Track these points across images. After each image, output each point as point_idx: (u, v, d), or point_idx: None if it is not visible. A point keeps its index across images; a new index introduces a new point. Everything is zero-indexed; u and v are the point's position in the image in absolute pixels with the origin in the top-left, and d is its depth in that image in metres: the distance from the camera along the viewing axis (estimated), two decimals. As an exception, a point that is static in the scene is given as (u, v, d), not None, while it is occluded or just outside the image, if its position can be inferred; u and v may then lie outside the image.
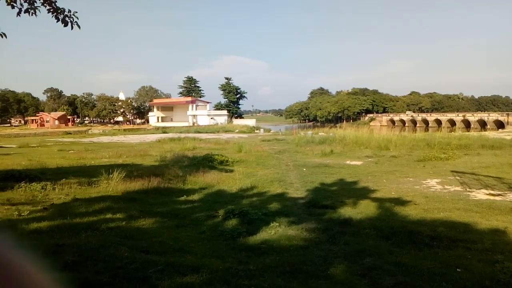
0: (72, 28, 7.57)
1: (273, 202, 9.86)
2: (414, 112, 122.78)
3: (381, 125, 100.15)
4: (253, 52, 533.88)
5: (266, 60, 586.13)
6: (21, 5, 7.40)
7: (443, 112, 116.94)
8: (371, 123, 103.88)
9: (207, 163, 17.07)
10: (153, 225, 7.57)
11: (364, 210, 8.80)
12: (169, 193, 11.38)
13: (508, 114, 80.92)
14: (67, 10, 7.56)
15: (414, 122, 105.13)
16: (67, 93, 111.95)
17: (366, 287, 4.67)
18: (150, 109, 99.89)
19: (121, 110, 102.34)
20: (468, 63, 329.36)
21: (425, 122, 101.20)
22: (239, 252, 6.01)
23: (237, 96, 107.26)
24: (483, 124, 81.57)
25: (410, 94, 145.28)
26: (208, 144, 31.03)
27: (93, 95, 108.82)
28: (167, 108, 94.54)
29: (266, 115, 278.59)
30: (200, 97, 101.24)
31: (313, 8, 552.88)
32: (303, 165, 17.59)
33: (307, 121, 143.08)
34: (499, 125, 76.86)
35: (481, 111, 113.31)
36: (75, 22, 7.61)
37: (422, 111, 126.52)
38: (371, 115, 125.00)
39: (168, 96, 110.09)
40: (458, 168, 15.16)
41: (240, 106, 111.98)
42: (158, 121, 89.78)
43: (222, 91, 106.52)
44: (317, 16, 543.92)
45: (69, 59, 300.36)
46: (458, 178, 13.07)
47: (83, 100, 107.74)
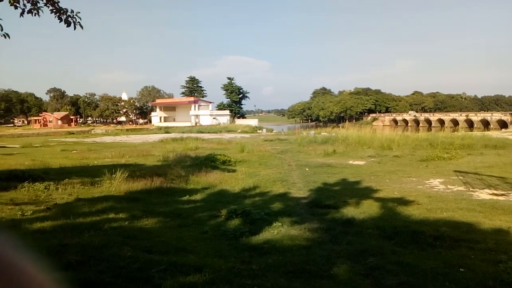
0: (75, 28, 7.59)
1: (276, 202, 9.86)
2: (416, 112, 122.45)
3: (383, 125, 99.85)
4: (255, 52, 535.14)
5: (268, 60, 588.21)
6: (24, 5, 7.42)
7: (446, 112, 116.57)
8: (374, 123, 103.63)
9: (209, 163, 17.09)
10: (156, 225, 7.58)
11: (367, 210, 8.79)
12: (171, 193, 11.39)
13: (511, 113, 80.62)
14: (70, 10, 7.58)
15: (417, 122, 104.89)
16: (70, 93, 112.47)
17: (369, 287, 4.66)
18: (152, 109, 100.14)
19: (124, 110, 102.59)
20: (471, 62, 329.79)
21: (428, 122, 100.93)
22: (241, 252, 6.02)
23: (240, 96, 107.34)
24: (486, 123, 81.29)
25: (412, 94, 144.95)
26: (210, 144, 31.06)
27: (96, 95, 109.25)
28: (169, 108, 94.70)
29: (268, 115, 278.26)
30: (202, 97, 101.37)
31: (316, 8, 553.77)
32: (305, 165, 17.59)
33: (309, 121, 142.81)
34: (502, 124, 76.57)
35: (484, 111, 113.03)
36: (78, 22, 7.63)
37: (425, 111, 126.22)
38: (374, 115, 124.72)
39: (170, 96, 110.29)
40: (461, 168, 15.12)
41: (242, 106, 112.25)
42: (160, 121, 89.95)
43: (224, 91, 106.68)
44: (320, 16, 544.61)
45: (72, 59, 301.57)
46: (461, 178, 13.04)
47: (86, 100, 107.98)
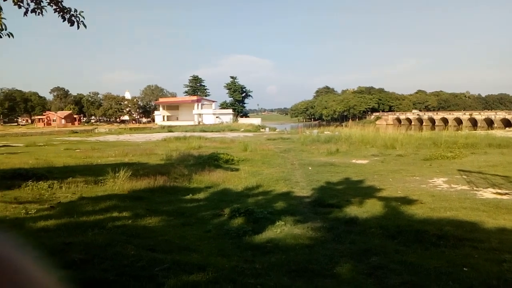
0: (78, 27, 7.62)
1: (279, 201, 9.86)
2: (420, 110, 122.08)
3: (387, 124, 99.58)
4: (258, 51, 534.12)
5: (271, 59, 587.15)
6: (28, 4, 7.46)
7: (449, 110, 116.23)
8: (377, 122, 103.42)
9: (212, 162, 17.09)
10: (159, 223, 7.60)
11: (370, 209, 8.77)
12: (175, 191, 11.41)
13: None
14: (73, 9, 7.61)
15: (420, 120, 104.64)
16: (74, 92, 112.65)
17: (372, 286, 4.66)
18: (156, 108, 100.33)
19: (127, 109, 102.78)
20: (475, 61, 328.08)
21: (432, 120, 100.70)
22: (245, 250, 6.02)
23: (243, 95, 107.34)
24: (490, 122, 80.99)
25: (416, 92, 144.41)
26: (213, 143, 31.11)
27: (99, 94, 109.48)
28: (172, 107, 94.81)
29: (271, 114, 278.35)
30: (205, 96, 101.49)
31: (320, 7, 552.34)
32: (308, 164, 17.57)
33: (312, 120, 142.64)
34: (506, 123, 76.34)
35: (488, 110, 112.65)
36: (81, 21, 7.66)
37: (428, 110, 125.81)
38: (377, 113, 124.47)
39: (173, 95, 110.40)
40: (465, 167, 15.07)
41: (245, 105, 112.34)
42: (163, 120, 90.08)
43: (227, 90, 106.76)
44: (324, 15, 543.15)
45: (76, 58, 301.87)
46: (465, 177, 13.00)
47: (90, 99, 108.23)
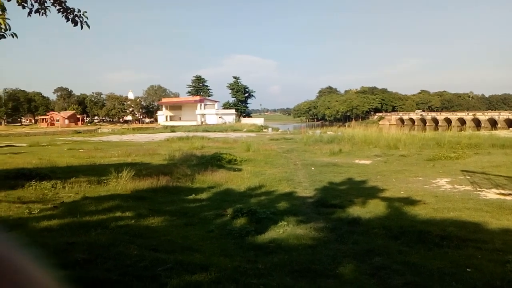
0: (81, 28, 7.63)
1: (282, 201, 9.85)
2: (423, 111, 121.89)
3: (390, 124, 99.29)
4: (261, 51, 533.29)
5: (275, 59, 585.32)
6: (32, 5, 7.47)
7: (453, 111, 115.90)
8: (380, 122, 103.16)
9: (215, 162, 17.08)
10: (162, 223, 7.61)
11: (373, 209, 8.76)
12: (177, 191, 11.41)
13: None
14: (76, 10, 7.62)
15: (423, 121, 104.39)
16: (77, 92, 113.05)
17: (375, 286, 4.65)
18: (158, 108, 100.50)
19: (130, 109, 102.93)
20: (478, 61, 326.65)
21: (435, 121, 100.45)
22: (247, 251, 6.02)
23: (245, 95, 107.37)
24: (493, 123, 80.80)
25: (419, 93, 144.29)
26: (216, 143, 31.10)
27: (102, 94, 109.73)
28: (175, 107, 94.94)
29: (274, 114, 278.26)
30: (208, 96, 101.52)
31: (323, 7, 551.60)
32: (311, 164, 17.55)
33: (315, 120, 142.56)
34: (510, 124, 76.06)
35: (492, 110, 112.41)
36: (85, 22, 7.67)
37: (431, 110, 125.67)
38: (380, 114, 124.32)
39: (176, 95, 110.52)
40: (468, 167, 15.03)
41: (248, 105, 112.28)
42: (166, 120, 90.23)
43: (230, 90, 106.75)
44: (326, 15, 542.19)
45: (79, 59, 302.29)
46: (468, 177, 12.96)
47: (93, 99, 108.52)
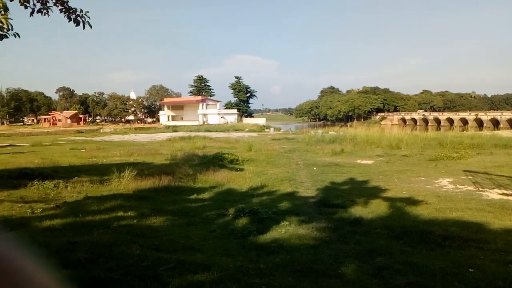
0: (84, 27, 7.65)
1: (283, 201, 9.86)
2: (425, 111, 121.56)
3: (392, 124, 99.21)
4: (263, 51, 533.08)
5: (276, 59, 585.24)
6: (34, 5, 7.49)
7: (455, 111, 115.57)
8: (382, 122, 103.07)
9: (217, 161, 17.10)
10: (164, 223, 7.62)
11: (375, 209, 8.75)
12: (179, 191, 11.42)
13: (522, 113, 79.92)
14: (79, 10, 7.64)
15: (425, 121, 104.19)
16: (79, 92, 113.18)
17: (377, 286, 4.64)
18: (160, 108, 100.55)
19: (132, 109, 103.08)
20: (481, 61, 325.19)
21: (437, 121, 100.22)
22: (249, 250, 6.02)
23: (247, 95, 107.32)
24: (496, 123, 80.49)
25: (421, 93, 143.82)
26: (218, 143, 31.13)
27: (104, 94, 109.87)
28: (177, 107, 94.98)
29: (276, 114, 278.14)
30: (210, 96, 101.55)
31: (324, 7, 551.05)
32: (313, 164, 17.54)
33: (317, 120, 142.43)
34: (513, 124, 75.84)
35: (494, 110, 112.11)
36: (87, 21, 7.69)
37: (433, 110, 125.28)
38: (382, 114, 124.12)
39: (178, 95, 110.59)
40: (470, 167, 15.00)
41: (250, 105, 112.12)
42: (168, 120, 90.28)
43: (232, 90, 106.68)
44: (328, 15, 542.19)
45: (81, 58, 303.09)
46: (470, 177, 12.93)
47: (95, 99, 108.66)
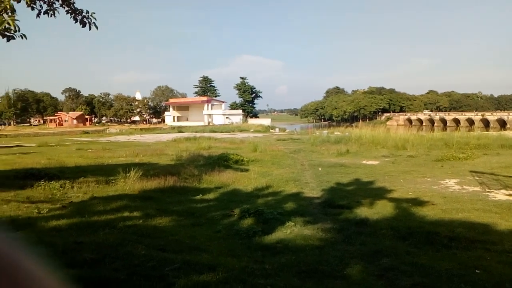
0: (90, 29, 7.69)
1: (289, 201, 9.85)
2: (431, 111, 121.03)
3: (398, 125, 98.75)
4: (268, 51, 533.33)
5: (281, 59, 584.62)
6: (41, 6, 7.54)
7: (461, 111, 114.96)
8: (388, 123, 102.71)
9: (222, 162, 17.11)
10: (170, 223, 7.64)
11: (380, 210, 8.72)
12: (185, 192, 11.44)
13: (529, 113, 79.32)
14: (85, 11, 7.68)
15: (431, 121, 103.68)
16: (85, 93, 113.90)
17: None
18: (166, 109, 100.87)
19: (138, 109, 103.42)
20: (487, 61, 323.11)
21: (443, 121, 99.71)
22: (254, 251, 6.02)
23: (252, 95, 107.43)
24: (502, 123, 79.95)
25: (427, 93, 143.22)
26: (223, 143, 31.14)
27: (110, 95, 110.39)
28: (182, 107, 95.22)
29: (281, 115, 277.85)
30: (215, 97, 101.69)
31: (329, 7, 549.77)
32: (318, 164, 17.51)
33: (322, 120, 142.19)
34: (520, 124, 75.30)
35: (501, 110, 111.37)
36: (93, 23, 7.73)
37: (440, 110, 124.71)
38: (388, 114, 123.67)
39: (183, 95, 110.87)
40: (477, 168, 14.90)
41: (255, 105, 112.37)
42: (174, 120, 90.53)
43: (237, 91, 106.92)
44: (334, 15, 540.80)
45: (87, 59, 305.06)
46: (477, 178, 12.85)
47: (101, 100, 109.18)
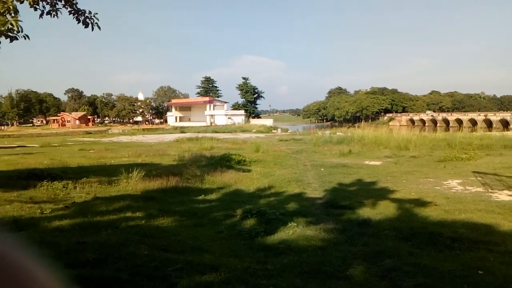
0: (92, 29, 7.70)
1: (291, 202, 9.84)
2: (434, 111, 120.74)
3: (400, 125, 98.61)
4: (270, 51, 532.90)
5: (283, 59, 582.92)
6: (44, 7, 7.56)
7: (464, 111, 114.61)
8: (390, 123, 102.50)
9: (224, 162, 17.12)
10: (172, 224, 7.65)
11: (383, 211, 8.70)
12: (187, 192, 11.46)
13: (532, 113, 79.06)
14: (87, 11, 7.70)
15: (434, 121, 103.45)
16: (88, 93, 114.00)
17: (385, 288, 4.61)
18: (168, 109, 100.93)
19: (140, 110, 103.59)
20: (490, 61, 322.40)
21: (446, 121, 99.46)
22: (257, 251, 6.02)
23: (254, 96, 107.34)
24: (505, 123, 79.69)
25: (430, 93, 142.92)
26: (225, 144, 31.14)
27: (112, 95, 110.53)
28: (185, 108, 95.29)
29: (283, 115, 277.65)
30: (217, 97, 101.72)
31: (332, 7, 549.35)
32: (321, 165, 17.49)
33: (324, 121, 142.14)
34: (523, 125, 75.04)
35: (504, 111, 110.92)
36: (96, 23, 7.74)
37: (442, 111, 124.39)
38: (390, 114, 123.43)
39: (186, 96, 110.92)
40: (479, 168, 14.86)
41: (257, 106, 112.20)
42: (176, 121, 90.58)
43: (239, 91, 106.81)
44: (336, 15, 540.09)
45: (90, 59, 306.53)
46: (479, 178, 12.82)
47: (103, 100, 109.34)
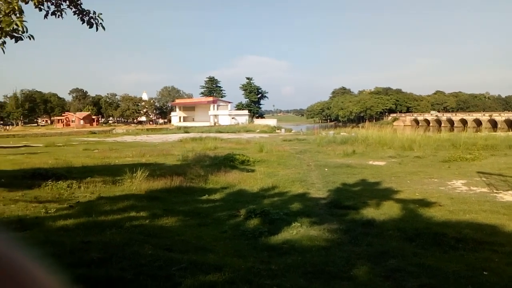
0: (97, 29, 7.73)
1: (295, 202, 9.83)
2: (438, 111, 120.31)
3: (404, 125, 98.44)
4: (274, 52, 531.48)
5: (288, 60, 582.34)
6: (48, 7, 7.59)
7: (468, 111, 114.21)
8: (395, 123, 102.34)
9: (228, 162, 17.12)
10: (176, 223, 7.66)
11: (387, 211, 8.68)
12: (191, 192, 11.47)
13: (537, 113, 78.64)
14: (92, 12, 7.72)
15: (438, 122, 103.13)
16: (92, 93, 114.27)
17: (389, 289, 4.60)
18: (172, 109, 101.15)
19: (144, 110, 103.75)
20: (494, 61, 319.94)
21: (450, 122, 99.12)
22: (261, 251, 6.02)
23: (258, 96, 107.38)
24: (510, 124, 79.38)
25: (434, 93, 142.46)
26: (229, 144, 31.14)
27: (117, 95, 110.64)
28: (189, 108, 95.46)
29: (287, 115, 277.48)
30: (221, 97, 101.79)
31: (335, 7, 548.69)
32: (324, 165, 17.47)
33: (328, 121, 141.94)
34: (528, 125, 74.70)
35: (509, 111, 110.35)
36: (100, 23, 7.77)
37: (447, 111, 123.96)
38: (394, 114, 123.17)
39: (190, 96, 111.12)
40: (484, 169, 14.79)
41: (261, 106, 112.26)
42: (180, 121, 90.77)
43: (243, 91, 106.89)
44: (339, 15, 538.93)
45: (94, 60, 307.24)
46: (484, 179, 12.76)
47: (107, 100, 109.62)
